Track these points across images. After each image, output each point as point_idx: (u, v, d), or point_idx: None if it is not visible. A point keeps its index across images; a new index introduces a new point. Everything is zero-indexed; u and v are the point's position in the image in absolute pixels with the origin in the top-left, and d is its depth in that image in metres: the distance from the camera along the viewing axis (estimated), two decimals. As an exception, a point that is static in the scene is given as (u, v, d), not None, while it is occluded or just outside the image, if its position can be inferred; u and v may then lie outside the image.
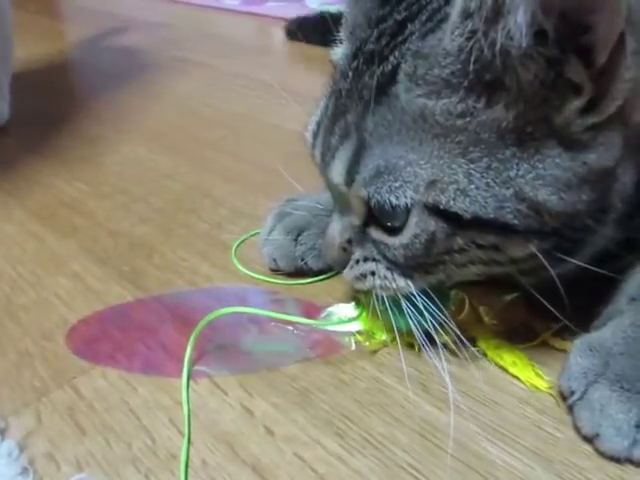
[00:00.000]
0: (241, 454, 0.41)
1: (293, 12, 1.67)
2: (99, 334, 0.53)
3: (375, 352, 0.50)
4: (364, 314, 0.50)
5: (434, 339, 0.45)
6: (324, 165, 0.45)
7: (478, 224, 0.40)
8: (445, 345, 0.46)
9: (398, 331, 0.47)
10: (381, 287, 0.46)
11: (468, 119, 0.39)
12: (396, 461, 0.40)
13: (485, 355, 0.48)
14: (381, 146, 0.41)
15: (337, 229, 0.47)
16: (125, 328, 0.53)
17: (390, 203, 0.41)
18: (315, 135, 0.47)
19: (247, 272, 0.60)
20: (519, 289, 0.46)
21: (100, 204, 0.75)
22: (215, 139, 0.94)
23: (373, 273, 0.46)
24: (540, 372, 0.46)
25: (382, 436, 0.42)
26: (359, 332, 0.50)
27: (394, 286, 0.45)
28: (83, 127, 1.00)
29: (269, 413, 0.45)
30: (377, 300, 0.47)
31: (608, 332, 0.44)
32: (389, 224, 0.43)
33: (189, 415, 0.44)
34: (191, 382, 0.47)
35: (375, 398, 0.46)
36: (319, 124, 0.46)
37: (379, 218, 0.44)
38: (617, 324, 0.44)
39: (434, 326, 0.45)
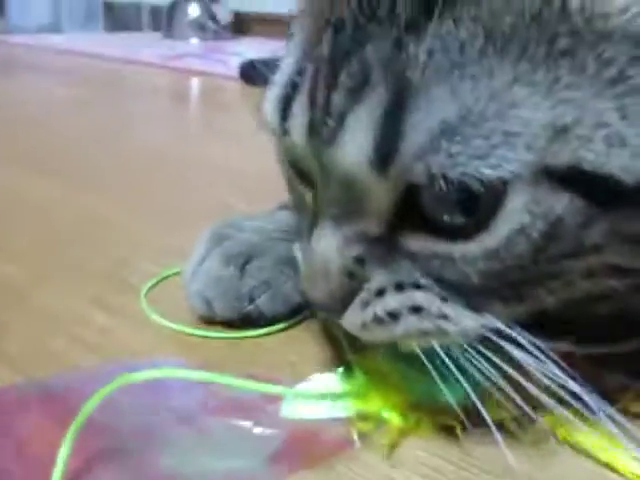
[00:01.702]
0: None
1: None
2: None
3: (392, 448, 0.30)
4: (361, 384, 0.32)
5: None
6: (319, 144, 0.28)
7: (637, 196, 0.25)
8: (502, 424, 0.29)
9: (430, 405, 0.29)
10: (429, 333, 0.28)
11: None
12: None
13: (553, 435, 0.30)
14: (447, 85, 0.25)
15: (333, 245, 0.29)
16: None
17: (480, 177, 0.24)
18: (286, 100, 0.29)
19: (164, 322, 0.40)
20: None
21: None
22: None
23: (418, 309, 0.28)
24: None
25: None
26: (360, 416, 0.30)
27: (458, 329, 0.28)
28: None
29: None
30: (397, 358, 0.30)
31: None
32: (446, 219, 0.27)
33: None
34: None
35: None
36: (294, 85, 0.29)
37: (433, 212, 0.27)
38: None
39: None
